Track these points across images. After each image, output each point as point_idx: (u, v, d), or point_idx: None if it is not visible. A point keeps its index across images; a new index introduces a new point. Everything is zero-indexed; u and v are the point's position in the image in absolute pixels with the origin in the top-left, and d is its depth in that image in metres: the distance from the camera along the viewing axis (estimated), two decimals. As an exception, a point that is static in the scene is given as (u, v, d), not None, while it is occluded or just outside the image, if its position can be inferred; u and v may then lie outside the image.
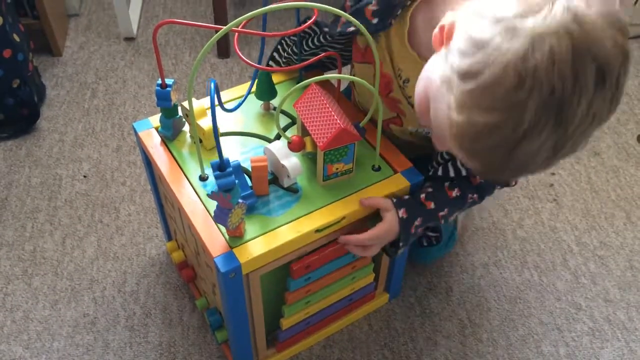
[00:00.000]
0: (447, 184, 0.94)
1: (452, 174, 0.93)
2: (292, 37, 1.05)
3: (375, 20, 0.85)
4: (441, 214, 0.93)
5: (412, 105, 0.90)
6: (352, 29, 0.89)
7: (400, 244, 0.91)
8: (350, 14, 0.88)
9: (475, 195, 0.95)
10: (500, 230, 1.31)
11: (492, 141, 0.60)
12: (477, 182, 0.95)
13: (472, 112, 0.60)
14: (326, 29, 0.93)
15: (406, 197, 0.92)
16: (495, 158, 0.61)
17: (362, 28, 0.77)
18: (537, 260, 1.26)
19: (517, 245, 1.29)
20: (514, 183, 1.00)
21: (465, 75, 0.60)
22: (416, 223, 0.91)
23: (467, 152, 0.64)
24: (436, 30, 0.69)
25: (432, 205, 0.92)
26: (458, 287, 1.21)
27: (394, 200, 0.89)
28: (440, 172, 0.94)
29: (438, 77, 0.65)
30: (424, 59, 0.75)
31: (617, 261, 1.27)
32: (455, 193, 0.93)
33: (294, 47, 1.03)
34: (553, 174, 1.43)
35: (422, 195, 0.92)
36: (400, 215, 0.88)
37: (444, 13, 0.71)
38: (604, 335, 1.14)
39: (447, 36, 0.66)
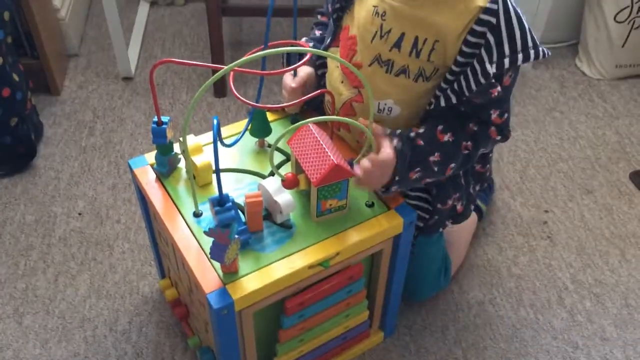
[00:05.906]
0: (439, 127, 0.93)
1: (442, 103, 0.91)
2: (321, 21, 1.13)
3: None
4: (432, 158, 0.92)
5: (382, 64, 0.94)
6: None
7: (397, 178, 0.90)
8: None
9: (469, 144, 0.94)
10: (495, 268, 1.31)
11: None
12: (472, 130, 0.94)
13: None
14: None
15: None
16: None
17: None
18: (532, 298, 1.25)
19: (513, 282, 1.28)
20: (509, 135, 0.98)
21: None
22: (407, 159, 0.91)
23: None
24: None
25: (420, 142, 0.92)
26: (454, 325, 1.20)
27: (388, 131, 0.92)
28: (432, 106, 0.94)
29: None
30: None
31: (612, 299, 1.26)
32: (447, 137, 0.92)
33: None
34: (546, 211, 1.44)
35: (412, 133, 0.93)
36: (395, 143, 0.90)
37: None
38: (601, 375, 1.13)
39: None
